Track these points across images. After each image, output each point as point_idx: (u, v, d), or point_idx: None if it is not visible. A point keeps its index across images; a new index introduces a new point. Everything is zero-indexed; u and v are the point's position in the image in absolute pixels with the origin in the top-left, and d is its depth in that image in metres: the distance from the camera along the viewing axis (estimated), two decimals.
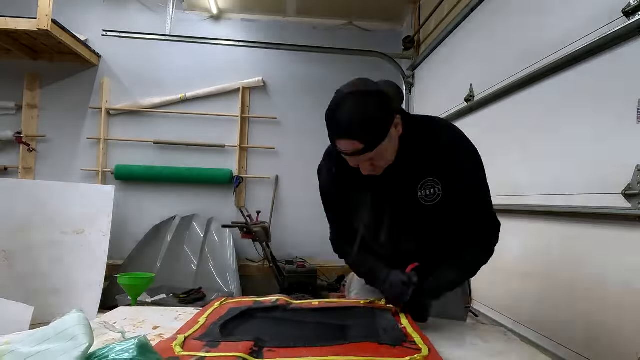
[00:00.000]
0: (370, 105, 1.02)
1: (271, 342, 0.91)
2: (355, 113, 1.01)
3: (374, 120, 1.02)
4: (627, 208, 1.37)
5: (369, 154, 1.04)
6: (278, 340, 0.93)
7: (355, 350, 0.88)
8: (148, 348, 0.70)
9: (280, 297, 1.27)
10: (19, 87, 4.15)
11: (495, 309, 2.20)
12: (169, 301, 3.07)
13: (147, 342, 0.71)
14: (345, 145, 1.04)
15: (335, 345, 0.90)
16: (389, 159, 1.11)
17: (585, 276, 1.56)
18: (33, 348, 0.68)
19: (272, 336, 0.95)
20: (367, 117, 1.02)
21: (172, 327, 1.08)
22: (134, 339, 0.70)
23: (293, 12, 4.36)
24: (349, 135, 1.02)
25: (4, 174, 4.06)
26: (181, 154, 4.28)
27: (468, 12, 2.67)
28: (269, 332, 1.00)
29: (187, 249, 3.88)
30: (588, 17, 1.60)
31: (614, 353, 1.40)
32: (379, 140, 1.03)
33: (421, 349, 0.89)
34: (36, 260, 3.17)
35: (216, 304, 1.22)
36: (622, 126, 1.41)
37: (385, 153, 1.08)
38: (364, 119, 1.02)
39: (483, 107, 2.44)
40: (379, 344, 0.92)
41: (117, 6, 4.30)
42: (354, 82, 1.10)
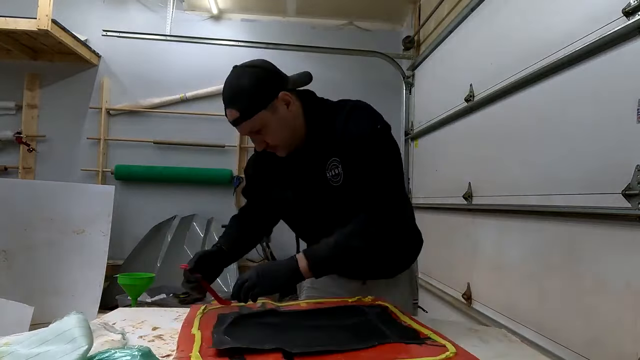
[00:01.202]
0: (246, 77, 1.12)
1: (295, 349, 0.84)
2: (232, 83, 1.13)
3: (247, 88, 1.11)
4: (627, 208, 1.37)
5: (248, 123, 1.12)
6: (301, 347, 0.85)
7: (388, 352, 0.86)
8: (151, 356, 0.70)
9: (265, 301, 1.24)
10: (19, 87, 4.15)
11: (495, 309, 2.20)
12: (169, 301, 3.07)
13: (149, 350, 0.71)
14: (228, 115, 1.14)
15: (368, 349, 0.87)
16: (280, 135, 1.16)
17: (585, 276, 1.56)
18: (32, 350, 0.68)
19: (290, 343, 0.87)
20: (241, 86, 1.11)
21: (171, 327, 1.08)
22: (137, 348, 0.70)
23: (293, 12, 4.36)
24: (227, 103, 1.14)
25: (4, 174, 4.06)
26: (181, 154, 4.28)
27: (468, 12, 2.67)
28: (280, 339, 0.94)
29: (187, 249, 3.87)
30: (588, 17, 1.60)
31: (614, 353, 1.39)
32: (253, 109, 1.11)
33: (445, 345, 0.89)
34: (36, 260, 3.17)
35: (198, 312, 1.15)
36: (622, 126, 1.41)
37: (271, 127, 1.14)
38: (238, 88, 1.12)
39: (483, 107, 2.43)
40: (405, 344, 0.91)
41: (117, 6, 4.29)
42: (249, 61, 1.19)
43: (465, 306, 2.51)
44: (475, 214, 2.49)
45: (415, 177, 3.75)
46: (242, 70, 1.14)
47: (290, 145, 1.20)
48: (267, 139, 1.16)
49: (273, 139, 1.16)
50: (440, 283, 3.00)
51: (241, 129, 1.16)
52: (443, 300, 2.86)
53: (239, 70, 1.15)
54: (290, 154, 1.22)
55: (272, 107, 1.13)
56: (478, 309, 2.38)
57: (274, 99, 1.13)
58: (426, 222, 3.14)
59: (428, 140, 3.45)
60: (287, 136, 1.18)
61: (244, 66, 1.15)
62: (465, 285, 2.53)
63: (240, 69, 1.15)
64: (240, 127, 1.15)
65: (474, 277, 2.48)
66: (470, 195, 2.51)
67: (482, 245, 2.40)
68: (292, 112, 1.17)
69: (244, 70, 1.14)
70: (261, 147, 1.18)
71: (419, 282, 3.08)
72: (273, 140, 1.17)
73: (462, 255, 2.60)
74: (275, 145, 1.18)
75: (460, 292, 2.57)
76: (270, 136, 1.16)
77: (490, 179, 2.32)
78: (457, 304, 2.63)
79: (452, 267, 2.77)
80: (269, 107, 1.12)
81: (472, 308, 2.45)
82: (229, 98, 1.14)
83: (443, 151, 3.11)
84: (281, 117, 1.15)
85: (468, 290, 2.50)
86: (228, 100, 1.14)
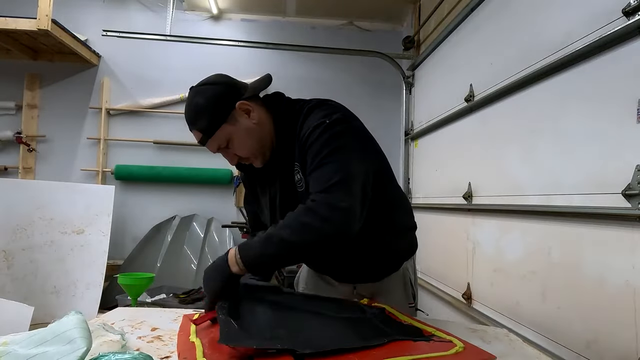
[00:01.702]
0: (200, 96, 1.12)
1: (307, 349, 0.83)
2: (190, 105, 1.13)
3: (204, 106, 1.11)
4: (627, 208, 1.37)
5: (213, 140, 1.12)
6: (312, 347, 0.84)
7: (398, 350, 0.86)
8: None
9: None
10: (19, 87, 4.15)
11: (495, 309, 2.20)
12: (169, 301, 3.07)
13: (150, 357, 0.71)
14: (195, 136, 1.14)
15: (378, 348, 0.86)
16: (248, 145, 1.14)
17: (585, 276, 1.55)
18: (30, 350, 0.68)
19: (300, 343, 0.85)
20: (198, 105, 1.12)
21: (170, 328, 1.08)
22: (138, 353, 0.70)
23: (293, 12, 4.35)
24: (190, 125, 1.14)
25: (4, 174, 4.06)
26: (181, 154, 4.28)
27: (468, 12, 2.67)
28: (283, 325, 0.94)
29: (187, 249, 3.87)
30: (588, 17, 1.60)
31: (614, 353, 1.39)
32: (214, 125, 1.11)
33: (452, 341, 0.88)
34: (36, 260, 3.17)
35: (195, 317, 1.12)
36: (622, 126, 1.40)
37: (236, 139, 1.13)
38: (195, 108, 1.12)
39: (483, 107, 2.43)
40: (414, 341, 0.91)
41: (117, 6, 4.29)
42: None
43: (465, 306, 2.51)
44: (475, 214, 2.49)
45: (415, 177, 3.75)
46: (197, 90, 1.14)
47: (263, 154, 1.18)
48: (236, 151, 1.15)
49: (241, 150, 1.15)
50: (440, 283, 2.99)
51: (210, 147, 1.15)
52: (443, 300, 2.86)
53: (194, 90, 1.15)
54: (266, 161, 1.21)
55: (232, 119, 1.12)
56: (478, 309, 2.38)
57: (232, 110, 1.12)
58: (426, 222, 3.14)
59: (428, 140, 3.44)
60: (255, 145, 1.16)
61: (198, 85, 1.16)
62: (465, 285, 2.53)
63: (194, 90, 1.15)
64: (208, 145, 1.14)
65: (474, 277, 2.47)
66: (470, 195, 2.51)
67: (482, 245, 2.39)
68: (255, 119, 1.15)
69: (198, 89, 1.14)
70: (234, 161, 1.18)
71: (419, 282, 3.08)
72: (242, 152, 1.15)
73: (462, 255, 2.60)
74: (246, 156, 1.17)
75: (460, 292, 2.57)
76: (238, 149, 1.15)
77: (490, 179, 2.32)
78: (457, 304, 2.63)
79: (452, 267, 2.77)
80: (229, 119, 1.12)
81: (472, 308, 2.45)
82: (190, 120, 1.14)
83: (443, 151, 3.11)
84: (244, 127, 1.13)
85: (468, 290, 2.50)
86: (190, 123, 1.14)
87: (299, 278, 1.53)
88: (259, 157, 1.18)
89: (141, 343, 0.97)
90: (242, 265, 1.02)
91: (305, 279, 1.46)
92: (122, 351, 0.79)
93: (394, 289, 1.34)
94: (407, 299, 1.36)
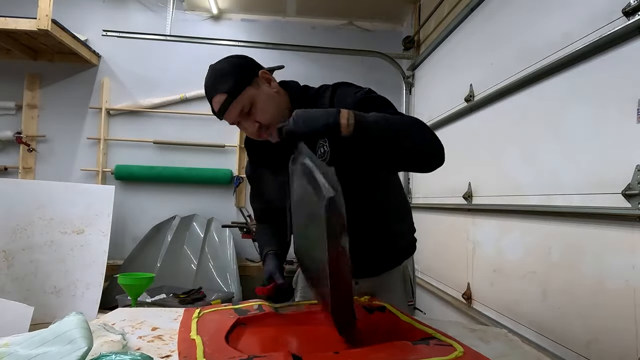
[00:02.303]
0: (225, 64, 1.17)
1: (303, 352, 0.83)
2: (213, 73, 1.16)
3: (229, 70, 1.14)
4: (627, 208, 1.37)
5: (237, 102, 1.12)
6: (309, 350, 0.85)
7: (397, 353, 0.86)
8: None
9: (260, 303, 1.21)
10: (19, 87, 4.15)
11: (495, 309, 2.20)
12: (169, 301, 3.07)
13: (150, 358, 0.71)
14: (216, 102, 1.14)
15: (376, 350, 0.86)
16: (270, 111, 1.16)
17: (585, 276, 1.56)
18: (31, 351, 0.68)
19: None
20: (223, 71, 1.15)
21: (171, 327, 1.08)
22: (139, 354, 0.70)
23: (293, 12, 4.36)
24: (214, 90, 1.13)
25: (4, 174, 4.06)
26: (181, 154, 4.28)
27: (468, 12, 2.67)
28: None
29: (187, 249, 3.88)
30: (588, 17, 1.60)
31: (614, 353, 1.40)
32: (239, 86, 1.12)
33: (452, 345, 0.88)
34: (36, 260, 3.17)
35: (194, 316, 1.13)
36: (622, 126, 1.41)
37: (259, 103, 1.14)
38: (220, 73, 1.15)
39: (483, 107, 2.43)
40: (413, 344, 0.91)
41: (117, 6, 4.29)
42: None
43: (465, 306, 2.51)
44: (475, 214, 2.49)
45: (415, 177, 3.75)
46: (218, 62, 1.19)
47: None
48: (257, 117, 1.15)
49: (264, 115, 1.15)
50: (440, 283, 3.00)
51: (230, 112, 1.14)
52: (443, 300, 2.86)
53: (215, 63, 1.19)
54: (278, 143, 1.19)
55: (255, 84, 1.15)
56: (478, 309, 2.38)
57: (255, 76, 1.16)
58: (426, 222, 3.14)
59: None
60: (276, 113, 1.17)
61: (219, 61, 1.19)
62: (465, 285, 2.53)
63: (216, 63, 1.19)
64: (231, 109, 1.13)
65: (474, 277, 2.48)
66: (470, 195, 2.51)
67: (482, 245, 2.40)
68: (275, 88, 1.19)
69: (220, 62, 1.19)
70: (253, 128, 1.16)
71: (418, 281, 3.09)
72: (264, 117, 1.15)
73: (462, 255, 2.60)
74: (267, 123, 1.16)
75: (460, 292, 2.57)
76: (260, 114, 1.15)
77: (490, 179, 2.32)
78: (457, 304, 2.63)
79: (452, 267, 2.77)
80: (253, 83, 1.15)
81: (472, 308, 2.45)
82: (212, 85, 1.14)
83: None
84: (266, 93, 1.17)
85: (468, 290, 2.50)
86: (213, 88, 1.14)
87: (297, 278, 1.54)
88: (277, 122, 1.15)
89: (142, 343, 0.97)
90: (352, 120, 0.94)
91: (304, 279, 1.46)
92: (123, 351, 0.79)
93: (395, 286, 1.37)
94: (407, 296, 1.40)
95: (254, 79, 1.16)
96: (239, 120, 1.17)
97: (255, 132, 1.17)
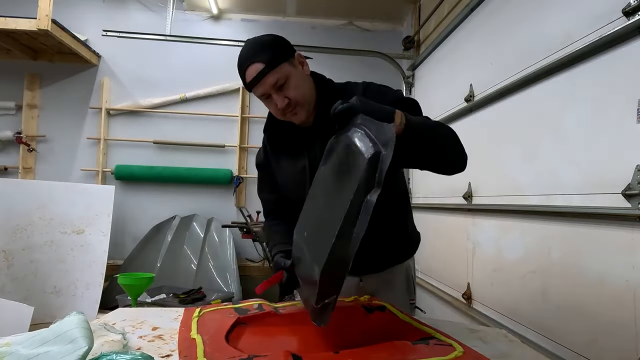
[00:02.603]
0: (266, 37, 1.19)
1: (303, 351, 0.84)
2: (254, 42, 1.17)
3: (271, 43, 1.16)
4: (627, 208, 1.37)
5: (273, 74, 1.12)
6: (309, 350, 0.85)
7: (397, 353, 0.86)
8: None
9: (261, 302, 1.21)
10: (19, 87, 4.15)
11: (495, 309, 2.20)
12: (169, 301, 3.07)
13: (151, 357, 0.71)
14: (252, 70, 1.13)
15: (376, 350, 0.86)
16: (302, 89, 1.17)
17: (585, 276, 1.56)
18: (32, 350, 0.68)
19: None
20: (264, 42, 1.17)
21: (171, 327, 1.08)
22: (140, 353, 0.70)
23: (293, 12, 4.36)
24: (252, 59, 1.14)
25: (4, 174, 4.06)
26: (181, 154, 4.28)
27: (468, 12, 2.67)
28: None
29: (187, 249, 3.88)
30: (588, 17, 1.60)
31: (614, 353, 1.40)
32: (278, 59, 1.13)
33: (452, 344, 0.88)
34: (36, 260, 3.17)
35: (195, 315, 1.12)
36: (622, 126, 1.41)
37: (293, 80, 1.15)
38: (261, 43, 1.16)
39: (483, 107, 2.44)
40: (412, 344, 0.91)
41: (117, 6, 4.30)
42: None
43: (465, 306, 2.51)
44: (475, 214, 2.49)
45: (415, 177, 3.75)
46: (257, 36, 1.20)
47: (309, 107, 1.20)
48: (289, 93, 1.15)
49: (296, 92, 1.16)
50: (440, 283, 3.00)
51: (265, 82, 1.13)
52: (443, 300, 2.86)
53: (254, 37, 1.19)
54: (301, 128, 1.23)
55: (292, 62, 1.17)
56: (478, 309, 2.38)
57: (293, 56, 1.18)
58: (426, 222, 3.14)
59: None
60: (307, 94, 1.19)
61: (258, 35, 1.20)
62: (465, 285, 2.53)
63: (255, 37, 1.20)
64: (266, 79, 1.13)
65: (474, 277, 2.48)
66: (470, 195, 2.51)
67: (482, 245, 2.40)
68: (307, 72, 1.22)
69: (259, 36, 1.20)
70: (282, 104, 1.16)
71: (418, 281, 3.09)
72: (296, 94, 1.16)
73: (462, 255, 2.60)
74: (297, 100, 1.17)
75: (460, 292, 2.57)
76: (292, 90, 1.15)
77: (490, 179, 2.32)
78: (457, 304, 2.63)
79: (452, 267, 2.77)
80: (290, 60, 1.17)
81: (472, 308, 2.45)
82: (252, 53, 1.14)
83: None
84: (301, 73, 1.19)
85: (468, 290, 2.50)
86: (252, 55, 1.14)
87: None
88: (305, 106, 1.19)
89: (142, 342, 0.97)
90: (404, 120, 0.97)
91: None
92: (124, 350, 0.79)
93: (398, 284, 1.39)
94: (409, 295, 1.42)
95: (292, 58, 1.18)
96: (269, 93, 1.15)
97: (283, 107, 1.17)
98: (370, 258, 1.29)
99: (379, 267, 1.37)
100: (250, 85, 1.15)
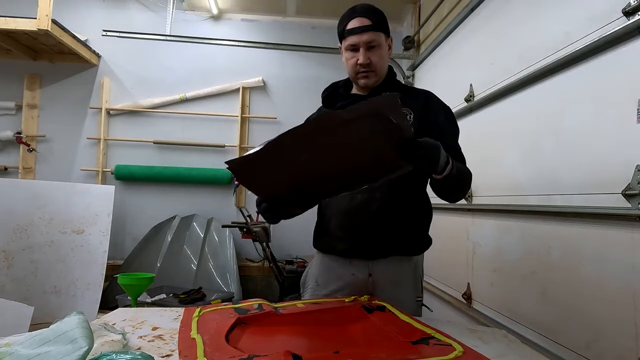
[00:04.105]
0: (377, 8, 1.38)
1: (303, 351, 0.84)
2: (368, 6, 1.37)
3: (381, 13, 1.37)
4: (627, 208, 1.37)
5: (374, 34, 1.31)
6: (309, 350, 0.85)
7: (398, 353, 0.86)
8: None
9: (261, 302, 1.21)
10: (19, 87, 4.15)
11: (496, 309, 2.20)
12: (169, 301, 3.07)
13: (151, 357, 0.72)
14: (356, 23, 1.32)
15: (377, 350, 0.87)
16: (383, 61, 1.37)
17: (585, 276, 1.56)
18: (33, 350, 0.68)
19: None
20: (376, 9, 1.37)
21: (171, 327, 1.08)
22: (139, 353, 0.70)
23: (293, 12, 4.36)
24: (363, 14, 1.33)
25: (4, 174, 4.06)
26: (181, 154, 4.29)
27: (468, 12, 2.67)
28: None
29: (187, 249, 3.88)
30: (588, 17, 1.60)
31: (614, 353, 1.40)
32: (383, 27, 1.35)
33: (451, 344, 0.88)
34: (36, 260, 3.17)
35: (195, 315, 1.13)
36: (622, 126, 1.41)
37: (382, 50, 1.35)
38: (374, 9, 1.36)
39: (483, 107, 2.44)
40: (412, 343, 0.91)
41: (117, 6, 4.30)
42: None
43: (465, 306, 2.51)
44: (475, 214, 2.49)
45: None
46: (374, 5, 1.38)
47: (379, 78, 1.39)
48: (373, 57, 1.33)
49: (378, 60, 1.35)
50: (440, 283, 3.00)
51: (366, 35, 1.31)
52: (443, 300, 2.86)
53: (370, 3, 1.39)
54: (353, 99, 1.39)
55: (387, 40, 1.38)
56: (478, 309, 2.38)
57: (389, 36, 1.39)
58: None
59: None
60: (384, 68, 1.39)
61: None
62: (465, 285, 2.53)
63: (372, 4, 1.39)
64: (367, 34, 1.31)
65: (474, 277, 2.48)
66: (470, 195, 2.51)
67: (482, 245, 2.40)
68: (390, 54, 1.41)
69: (375, 6, 1.38)
70: (364, 59, 1.32)
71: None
72: (377, 62, 1.35)
73: (462, 255, 2.60)
74: (376, 67, 1.35)
75: (460, 292, 2.57)
76: (377, 56, 1.34)
77: (490, 179, 2.32)
78: (457, 304, 2.63)
79: (452, 267, 2.77)
80: (387, 37, 1.37)
81: (472, 308, 2.45)
82: (366, 10, 1.34)
83: None
84: (386, 52, 1.39)
85: (468, 290, 2.50)
86: (364, 11, 1.33)
87: (306, 276, 1.55)
88: (377, 76, 1.38)
89: (142, 342, 0.97)
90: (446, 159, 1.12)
91: (315, 275, 1.48)
92: (124, 350, 0.79)
93: (406, 280, 1.41)
94: (417, 292, 1.44)
95: (388, 36, 1.38)
96: (359, 47, 1.32)
97: (362, 64, 1.33)
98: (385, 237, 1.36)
99: (389, 250, 1.37)
100: (349, 32, 1.32)
